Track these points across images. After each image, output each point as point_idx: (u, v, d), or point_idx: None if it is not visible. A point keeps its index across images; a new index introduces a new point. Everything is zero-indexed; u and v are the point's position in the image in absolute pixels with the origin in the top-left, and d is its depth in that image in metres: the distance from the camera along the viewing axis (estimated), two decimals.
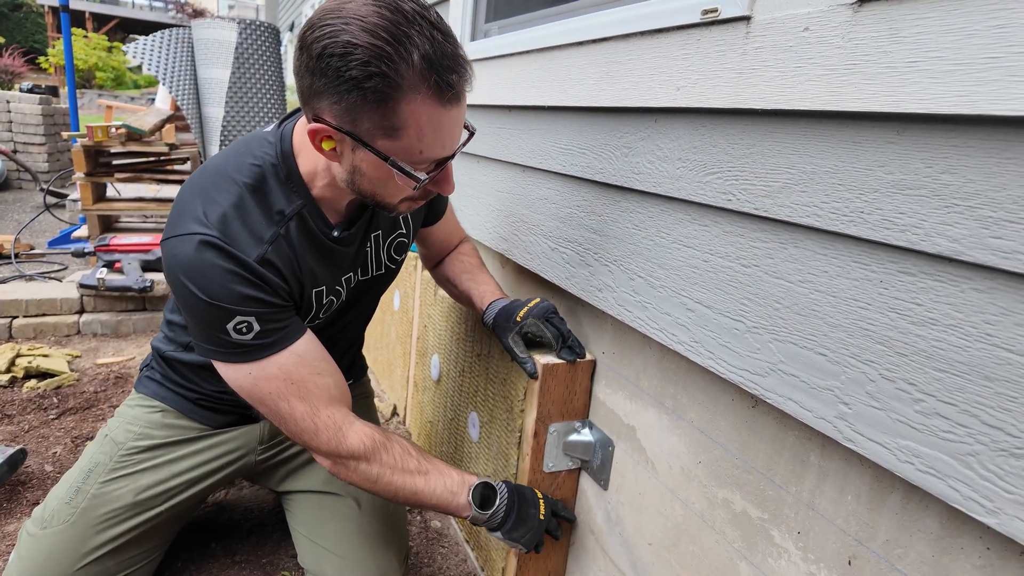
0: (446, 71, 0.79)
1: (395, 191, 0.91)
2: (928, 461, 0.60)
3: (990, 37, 0.53)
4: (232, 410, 1.25)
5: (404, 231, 1.22)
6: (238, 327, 0.91)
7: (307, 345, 0.99)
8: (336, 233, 1.03)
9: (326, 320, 1.16)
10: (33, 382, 2.13)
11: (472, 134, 0.92)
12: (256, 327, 0.92)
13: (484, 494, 1.06)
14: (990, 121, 0.54)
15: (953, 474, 0.58)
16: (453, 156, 0.90)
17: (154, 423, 1.22)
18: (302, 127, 0.96)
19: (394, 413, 2.14)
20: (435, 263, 1.43)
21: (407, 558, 1.30)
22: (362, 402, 1.48)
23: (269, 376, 0.95)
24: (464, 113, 0.88)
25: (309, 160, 0.96)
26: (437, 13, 0.82)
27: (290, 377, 0.96)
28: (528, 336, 1.16)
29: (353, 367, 1.45)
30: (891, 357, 0.63)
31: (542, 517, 1.09)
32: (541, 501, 1.11)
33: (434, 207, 1.31)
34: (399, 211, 0.97)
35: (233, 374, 0.96)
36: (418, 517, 1.64)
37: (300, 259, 0.99)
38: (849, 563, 0.72)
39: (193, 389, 1.22)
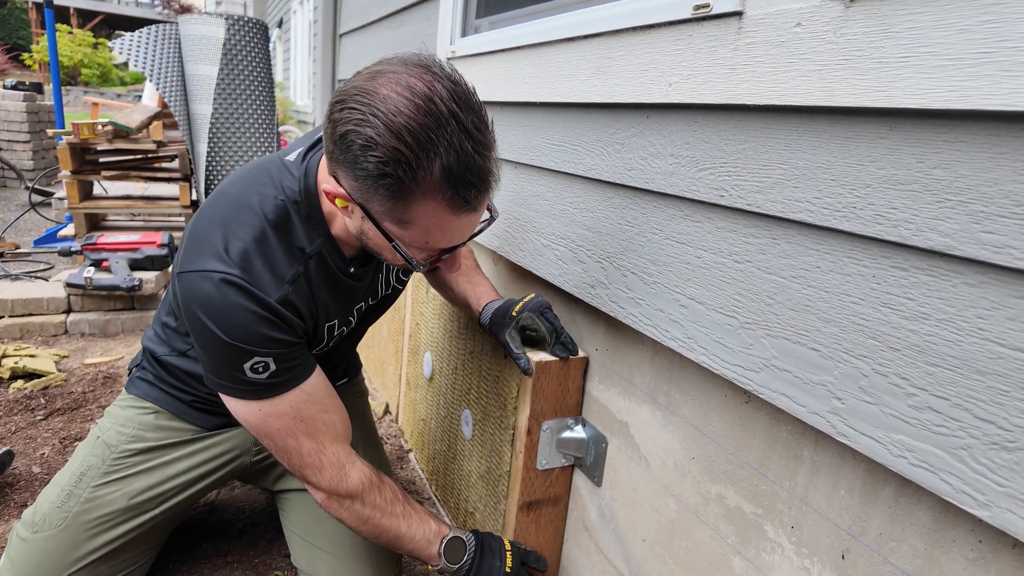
0: (465, 187, 0.77)
1: (399, 261, 0.91)
2: (921, 455, 0.60)
3: (982, 32, 0.53)
4: (227, 411, 1.24)
5: None
6: (255, 367, 0.90)
7: (317, 382, 0.99)
8: (353, 270, 1.03)
9: (334, 344, 1.17)
10: (20, 383, 2.10)
11: (493, 219, 0.91)
12: (272, 367, 0.91)
13: (454, 547, 1.08)
14: (982, 116, 0.54)
15: (946, 468, 0.58)
16: (464, 244, 0.90)
17: (147, 425, 1.20)
18: (325, 167, 0.92)
19: (386, 411, 2.13)
20: None
21: (402, 557, 1.29)
22: (356, 400, 1.47)
23: (280, 413, 0.95)
24: (480, 216, 0.86)
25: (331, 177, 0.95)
26: (478, 114, 0.78)
27: (300, 414, 0.96)
28: (524, 331, 1.16)
29: (349, 367, 1.45)
30: (884, 352, 0.63)
31: (508, 570, 1.09)
32: (508, 553, 1.12)
33: None
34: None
35: (243, 410, 0.95)
36: None
37: (316, 296, 0.99)
38: (843, 557, 0.72)
39: (187, 391, 1.20)
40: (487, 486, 1.34)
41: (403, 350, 1.92)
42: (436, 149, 0.73)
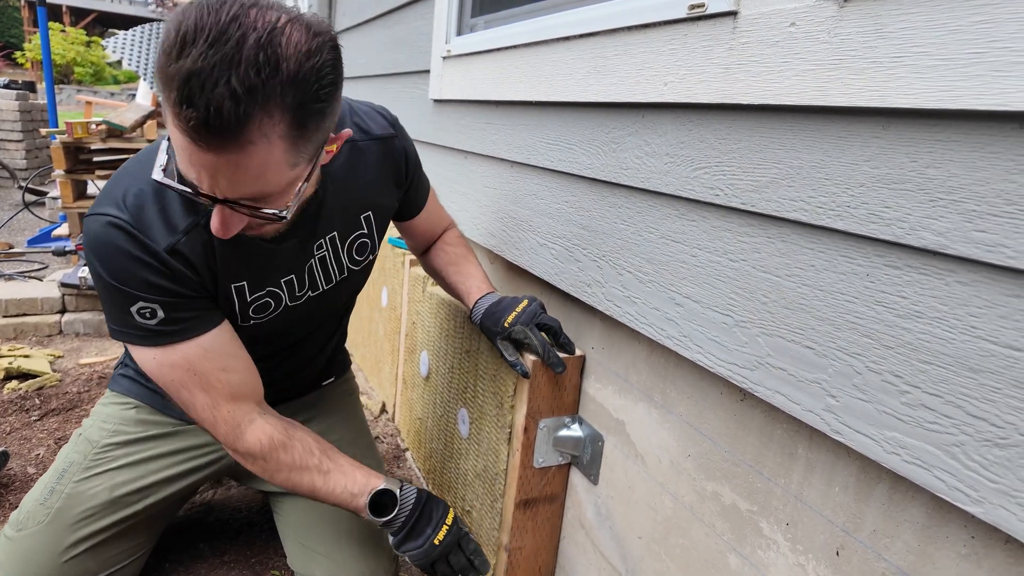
0: (188, 106, 0.66)
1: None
2: (914, 452, 0.61)
3: (974, 32, 0.54)
4: None
5: (366, 231, 1.18)
6: (142, 311, 0.91)
7: (216, 339, 0.98)
8: None
9: (282, 323, 1.12)
10: (14, 383, 2.09)
11: (281, 219, 0.81)
12: (160, 314, 0.92)
13: (379, 502, 1.05)
14: (974, 116, 0.55)
15: (939, 464, 0.59)
16: (215, 202, 0.77)
17: (128, 419, 1.20)
18: None
19: (383, 410, 2.13)
20: (421, 252, 1.42)
21: (398, 556, 1.29)
22: (346, 399, 1.47)
23: (173, 364, 0.95)
24: (228, 168, 0.72)
25: None
26: (271, 51, 0.67)
27: (193, 368, 0.96)
28: (517, 343, 1.15)
29: (333, 363, 1.44)
30: (877, 350, 0.64)
31: (436, 542, 1.04)
32: (445, 527, 1.06)
33: (408, 205, 1.29)
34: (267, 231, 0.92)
35: (139, 356, 0.96)
36: None
37: (216, 251, 0.96)
38: (837, 553, 0.73)
39: None
40: (484, 484, 1.34)
41: (399, 349, 1.92)
42: (183, 50, 0.65)
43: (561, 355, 1.14)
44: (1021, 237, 0.52)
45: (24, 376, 2.16)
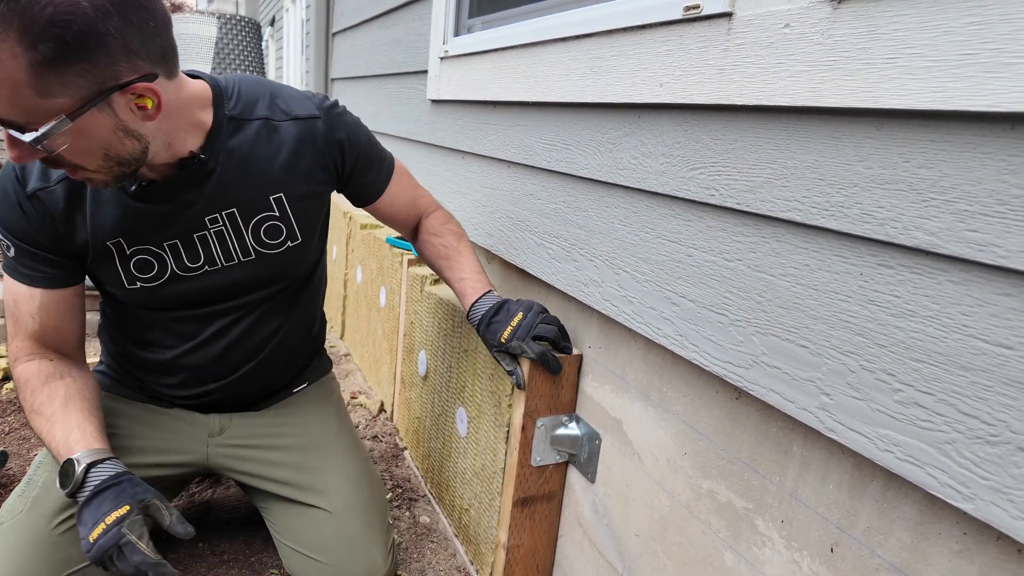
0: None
1: None
2: (907, 449, 0.61)
3: (965, 34, 0.54)
4: (178, 392, 1.26)
5: (277, 214, 1.14)
6: (1, 243, 1.04)
7: (48, 298, 1.07)
8: (134, 188, 1.03)
9: (185, 293, 1.13)
10: (13, 383, 2.09)
11: (41, 136, 0.81)
12: (12, 253, 1.04)
13: (64, 471, 1.00)
14: (966, 116, 0.55)
15: (931, 462, 0.59)
16: None
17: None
18: None
19: (381, 410, 2.14)
20: (411, 238, 1.40)
21: (392, 552, 1.29)
22: (324, 403, 1.42)
23: (7, 288, 1.07)
24: None
25: None
26: None
27: (15, 301, 1.08)
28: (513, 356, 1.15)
29: (308, 369, 1.42)
30: (871, 348, 0.64)
31: (90, 539, 0.94)
32: (102, 526, 0.94)
33: (359, 190, 1.27)
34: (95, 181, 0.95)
35: None
36: (407, 513, 1.65)
37: (90, 206, 1.03)
38: (831, 550, 0.74)
39: (123, 370, 1.26)
40: (482, 483, 1.34)
41: (397, 348, 1.93)
42: None
43: (558, 355, 1.15)
44: (1012, 237, 0.53)
45: None
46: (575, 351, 1.20)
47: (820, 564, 0.75)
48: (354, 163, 1.21)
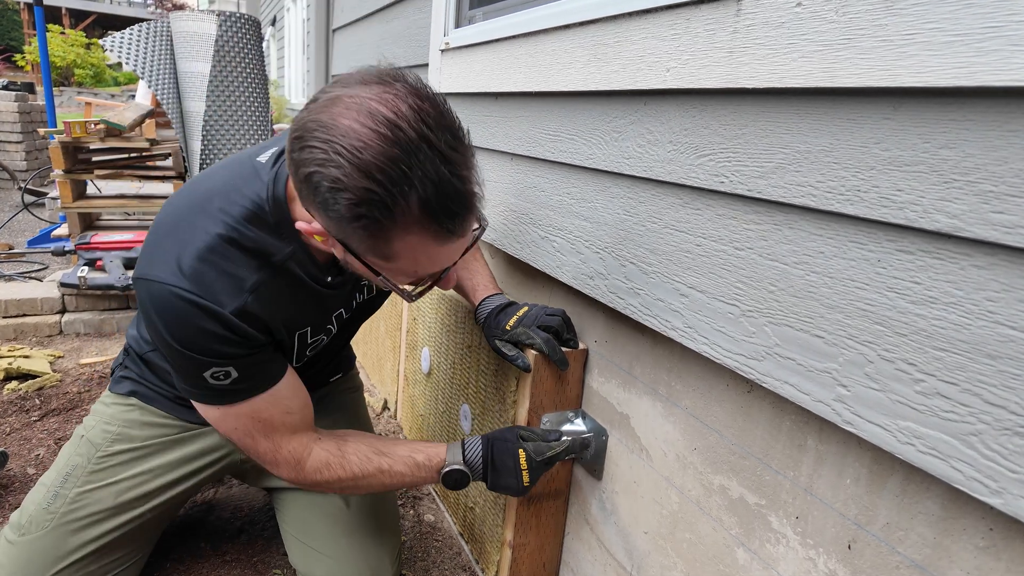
0: (448, 217, 0.72)
1: (389, 289, 0.89)
2: (929, 442, 0.59)
3: (989, 6, 0.52)
4: None
5: None
6: (215, 375, 0.89)
7: (282, 386, 0.97)
8: (330, 279, 1.00)
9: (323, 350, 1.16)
10: (14, 384, 2.08)
11: (483, 229, 0.86)
12: (235, 374, 0.90)
13: (455, 482, 1.05)
14: (990, 93, 0.53)
15: (955, 455, 0.57)
16: (454, 264, 0.86)
17: (132, 422, 1.18)
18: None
19: (385, 407, 2.12)
20: None
21: (399, 555, 1.28)
22: (351, 396, 1.46)
23: (239, 415, 0.94)
24: (467, 240, 0.81)
25: (304, 211, 0.86)
26: (451, 129, 0.72)
27: (259, 416, 0.95)
28: (518, 344, 1.13)
29: (342, 362, 1.43)
30: (890, 337, 0.62)
31: (525, 484, 1.04)
32: (524, 472, 1.04)
33: None
34: None
35: (204, 411, 0.96)
36: (411, 512, 1.63)
37: (283, 305, 0.95)
38: (849, 547, 0.71)
39: (170, 387, 1.18)
40: None
41: (400, 346, 1.91)
42: (411, 182, 0.68)
43: (564, 350, 1.12)
44: None
45: (24, 376, 2.15)
46: (581, 345, 1.18)
47: (837, 562, 0.73)
48: None
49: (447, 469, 1.04)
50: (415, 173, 0.68)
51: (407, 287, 0.89)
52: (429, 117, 0.69)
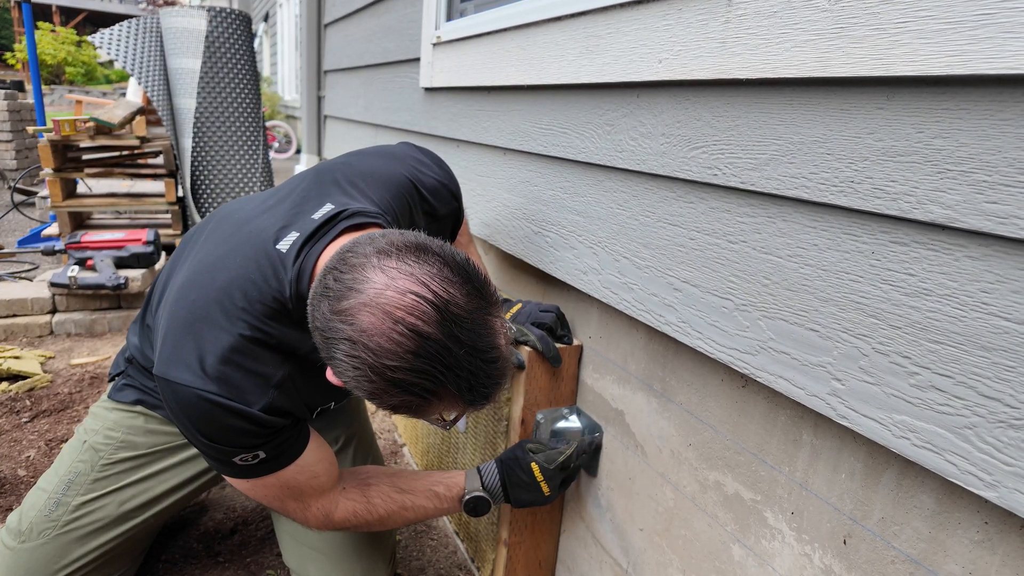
0: (481, 399, 0.75)
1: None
2: (924, 435, 0.58)
3: None
4: None
5: None
6: (243, 459, 0.89)
7: (308, 454, 0.96)
8: None
9: None
10: (4, 385, 2.06)
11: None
12: (262, 455, 0.90)
13: (475, 508, 1.07)
14: (984, 81, 0.52)
15: (950, 448, 0.56)
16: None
17: (136, 429, 1.17)
18: (324, 265, 0.82)
19: None
20: None
21: (394, 555, 1.27)
22: (351, 399, 1.43)
23: (267, 485, 0.94)
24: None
25: None
26: (478, 311, 0.72)
27: (287, 485, 0.96)
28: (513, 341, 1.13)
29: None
30: (884, 330, 0.61)
31: (546, 493, 1.07)
32: (542, 483, 1.07)
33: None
34: None
35: (231, 481, 0.96)
36: None
37: (311, 392, 0.94)
38: (844, 542, 0.71)
39: None
40: None
41: None
42: (443, 383, 0.71)
43: (558, 346, 1.12)
44: None
45: (14, 377, 2.13)
46: (575, 341, 1.17)
47: (832, 557, 0.72)
48: None
49: (468, 496, 1.06)
50: (448, 377, 0.70)
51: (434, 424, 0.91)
52: (455, 313, 0.70)
